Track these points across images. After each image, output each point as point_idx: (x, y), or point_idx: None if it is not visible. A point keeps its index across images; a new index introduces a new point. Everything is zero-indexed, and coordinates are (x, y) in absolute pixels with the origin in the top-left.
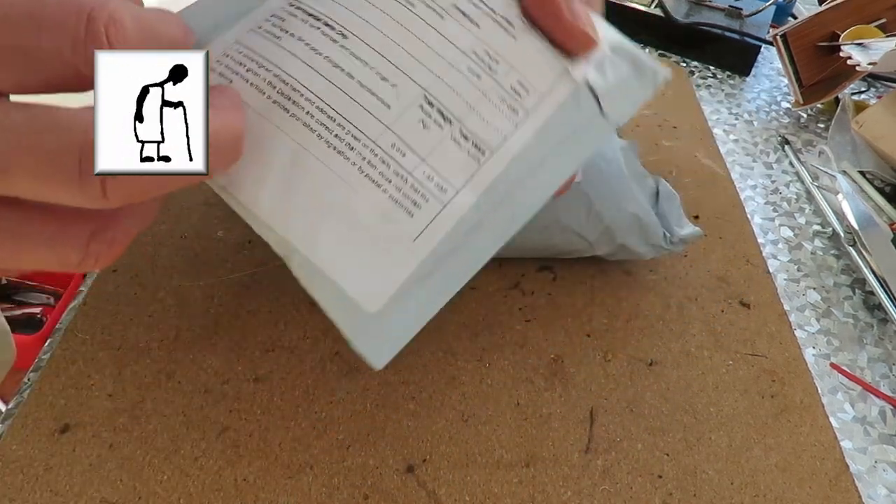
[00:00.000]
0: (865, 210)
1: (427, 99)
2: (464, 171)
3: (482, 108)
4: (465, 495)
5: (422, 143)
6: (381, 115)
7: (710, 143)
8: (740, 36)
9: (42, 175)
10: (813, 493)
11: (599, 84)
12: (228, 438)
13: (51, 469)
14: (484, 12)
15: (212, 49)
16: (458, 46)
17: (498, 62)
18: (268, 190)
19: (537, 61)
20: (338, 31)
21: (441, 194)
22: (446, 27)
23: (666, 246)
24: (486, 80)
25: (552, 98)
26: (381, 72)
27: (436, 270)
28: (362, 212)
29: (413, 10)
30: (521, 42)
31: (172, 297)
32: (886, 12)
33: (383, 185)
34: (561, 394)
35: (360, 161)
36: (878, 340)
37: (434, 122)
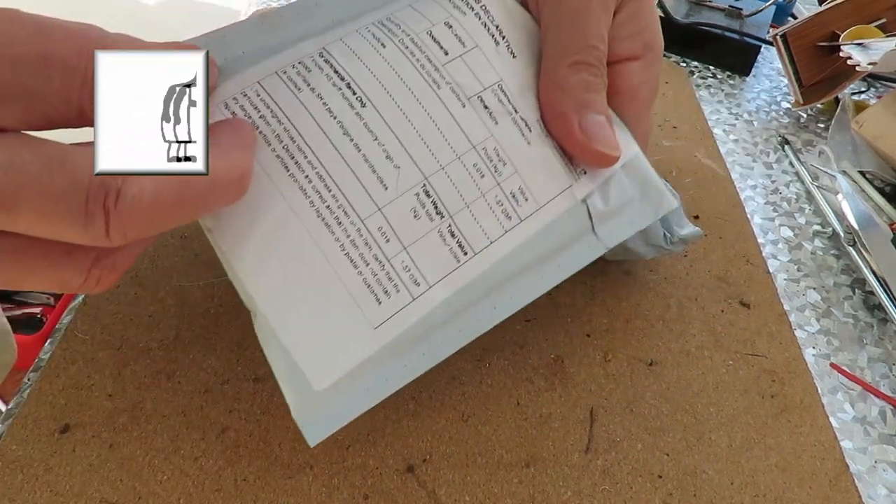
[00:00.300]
0: (865, 210)
1: (425, 188)
2: (442, 267)
3: (476, 208)
4: (465, 495)
5: (408, 232)
6: (377, 196)
7: (710, 143)
8: (740, 36)
9: (49, 215)
10: (813, 493)
11: (598, 207)
12: (228, 438)
13: (51, 469)
14: (506, 110)
15: (231, 83)
16: (471, 139)
17: (505, 164)
18: (249, 246)
19: (544, 171)
20: (357, 97)
21: (413, 287)
22: (464, 116)
23: (666, 246)
24: (488, 180)
25: (549, 210)
26: (389, 150)
27: (391, 360)
28: (333, 290)
29: (437, 91)
30: (533, 148)
31: (172, 297)
32: (886, 12)
33: (360, 268)
34: (561, 394)
35: (344, 238)
36: (878, 340)
37: (426, 214)
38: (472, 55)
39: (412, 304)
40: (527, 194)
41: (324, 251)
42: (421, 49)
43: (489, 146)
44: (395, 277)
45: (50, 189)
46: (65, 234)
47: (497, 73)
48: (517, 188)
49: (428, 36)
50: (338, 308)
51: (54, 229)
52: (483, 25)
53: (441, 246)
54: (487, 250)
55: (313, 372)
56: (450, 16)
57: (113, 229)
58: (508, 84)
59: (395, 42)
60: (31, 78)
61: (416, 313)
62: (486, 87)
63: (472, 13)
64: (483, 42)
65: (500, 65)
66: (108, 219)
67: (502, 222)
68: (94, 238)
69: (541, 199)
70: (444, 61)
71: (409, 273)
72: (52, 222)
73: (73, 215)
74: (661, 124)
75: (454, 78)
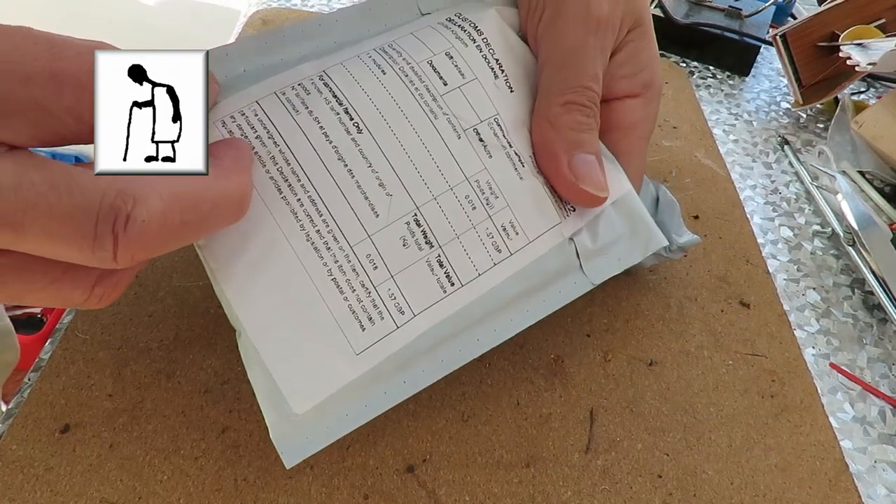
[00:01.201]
0: (865, 210)
1: (416, 218)
2: (428, 297)
3: (467, 240)
4: (465, 495)
5: (396, 261)
6: (367, 223)
7: (710, 143)
8: (740, 36)
9: (56, 236)
10: (813, 492)
11: (586, 244)
12: (228, 438)
13: (51, 469)
14: (501, 144)
15: (230, 101)
16: (464, 171)
17: (497, 197)
18: (238, 266)
19: (534, 207)
20: (354, 123)
21: (398, 315)
22: (459, 148)
23: (665, 254)
24: (479, 212)
25: (538, 246)
26: (382, 178)
27: (371, 387)
28: (318, 315)
29: (434, 122)
30: (525, 183)
31: (172, 297)
32: (886, 12)
33: (346, 293)
34: (561, 394)
35: (332, 263)
36: (878, 340)
37: (415, 243)
38: (471, 87)
39: (395, 333)
40: (517, 228)
41: (311, 275)
42: (420, 78)
43: (482, 179)
44: (380, 305)
45: (58, 210)
46: (72, 255)
47: (494, 106)
48: (508, 222)
49: (428, 65)
50: (321, 333)
51: (61, 251)
52: (483, 58)
53: (429, 276)
54: (475, 282)
55: (293, 395)
56: (451, 46)
57: (121, 252)
58: (504, 118)
59: (395, 69)
60: (41, 94)
61: (399, 342)
62: (483, 120)
63: (474, 45)
64: (482, 75)
65: (498, 98)
66: (117, 242)
67: (492, 255)
68: (100, 260)
69: (531, 234)
70: (443, 91)
71: (394, 301)
72: (60, 244)
73: (82, 237)
74: (661, 124)
75: (452, 109)
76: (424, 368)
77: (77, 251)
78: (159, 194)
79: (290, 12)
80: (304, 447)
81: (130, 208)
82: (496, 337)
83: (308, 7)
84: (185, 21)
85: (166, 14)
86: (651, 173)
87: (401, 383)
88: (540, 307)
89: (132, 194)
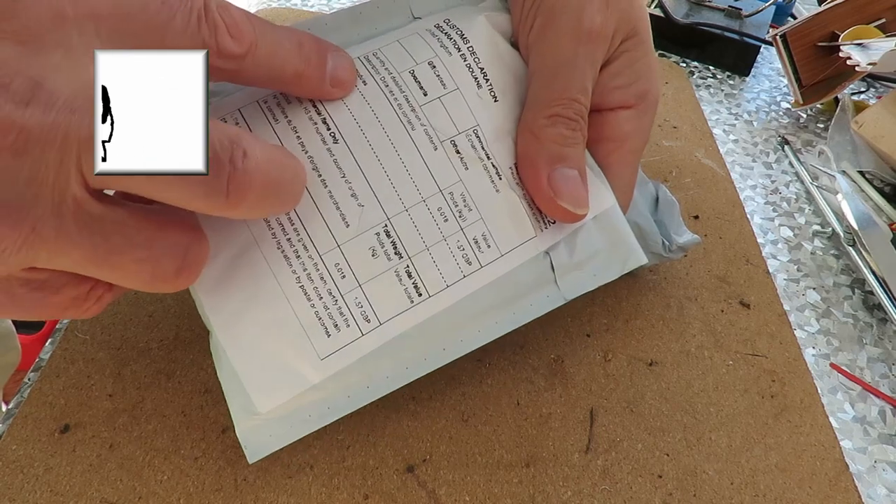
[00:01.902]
0: (865, 210)
1: (386, 229)
2: (395, 306)
3: (437, 252)
4: (465, 495)
5: (364, 270)
6: (337, 233)
7: (710, 143)
8: (740, 36)
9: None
10: (813, 492)
11: (562, 258)
12: (228, 438)
13: (51, 469)
14: (478, 156)
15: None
16: (438, 183)
17: (471, 210)
18: (211, 269)
19: (510, 220)
20: (331, 133)
21: (364, 323)
22: (435, 160)
23: (665, 254)
24: (451, 225)
25: (510, 259)
26: (355, 188)
27: (336, 391)
28: (285, 320)
29: (410, 133)
30: (501, 195)
31: (172, 297)
32: (886, 12)
33: (313, 300)
34: (561, 394)
35: (300, 271)
36: (878, 340)
37: (384, 253)
38: (452, 97)
39: (361, 339)
40: (489, 241)
41: (279, 281)
42: (401, 88)
43: (456, 191)
44: (346, 313)
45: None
46: (187, 186)
47: (474, 117)
48: (480, 235)
49: (410, 75)
50: (287, 336)
51: (177, 179)
52: (467, 67)
53: (396, 286)
54: (444, 293)
55: (258, 394)
56: (435, 55)
57: (234, 187)
58: (485, 128)
59: (377, 80)
60: (158, 16)
61: (364, 348)
62: (461, 132)
63: (458, 54)
64: (464, 84)
65: (479, 109)
66: (234, 176)
67: (462, 267)
68: (214, 192)
69: (503, 248)
70: (423, 102)
71: (361, 309)
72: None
73: None
74: (661, 124)
75: (430, 120)
76: (388, 375)
77: (193, 181)
78: (261, 147)
79: (290, 12)
80: (268, 444)
81: (246, 146)
82: (463, 347)
83: (308, 7)
84: None
85: None
86: (651, 173)
87: (364, 388)
88: (510, 319)
89: (244, 137)
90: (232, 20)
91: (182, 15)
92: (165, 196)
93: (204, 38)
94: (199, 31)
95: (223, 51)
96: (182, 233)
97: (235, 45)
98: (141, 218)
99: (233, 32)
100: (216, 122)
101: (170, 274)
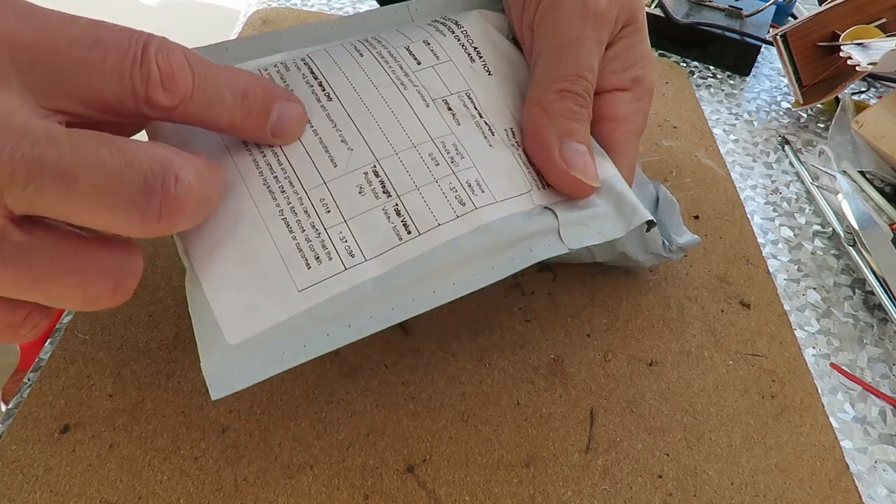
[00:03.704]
0: (865, 210)
1: (374, 169)
2: (381, 243)
3: (427, 192)
4: (465, 495)
5: (350, 206)
6: (325, 171)
7: (710, 143)
8: (740, 36)
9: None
10: (813, 493)
11: (565, 217)
12: (228, 438)
13: (51, 469)
14: (470, 114)
15: None
16: (429, 132)
17: (463, 157)
18: None
19: (504, 174)
20: (326, 93)
21: (348, 258)
22: (426, 113)
23: (665, 254)
24: (443, 168)
25: (506, 206)
26: (345, 135)
27: (313, 327)
28: (263, 250)
29: (402, 91)
30: (495, 151)
31: (172, 297)
32: (886, 12)
33: (294, 232)
34: (561, 394)
35: (284, 204)
36: (878, 340)
37: (372, 191)
38: (444, 66)
39: (342, 274)
40: (484, 188)
41: (262, 213)
42: (395, 59)
43: (448, 141)
44: (329, 246)
45: (110, 165)
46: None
47: (466, 83)
48: (474, 180)
49: (405, 49)
50: (265, 267)
51: (107, 209)
52: (461, 46)
53: (384, 223)
54: (434, 231)
55: (228, 324)
56: (429, 35)
57: (167, 211)
58: (478, 94)
59: (373, 53)
60: (88, 54)
61: (345, 283)
62: (453, 93)
63: (452, 35)
64: (457, 58)
65: (472, 77)
66: (165, 201)
67: (455, 207)
68: (145, 220)
69: (498, 196)
70: (416, 69)
71: (345, 244)
72: (108, 200)
73: (132, 193)
74: (661, 124)
75: (422, 82)
76: (373, 315)
77: (125, 208)
78: (192, 167)
79: (290, 12)
80: (234, 380)
81: (178, 170)
82: (454, 290)
83: (308, 7)
84: (185, 21)
85: (166, 14)
86: (651, 173)
87: (345, 327)
88: (506, 264)
89: (175, 161)
90: (169, 69)
91: (115, 57)
92: (95, 223)
93: (134, 85)
94: (129, 77)
95: (151, 101)
96: (115, 251)
97: (166, 97)
98: (72, 241)
99: (166, 84)
100: (149, 146)
101: (104, 295)
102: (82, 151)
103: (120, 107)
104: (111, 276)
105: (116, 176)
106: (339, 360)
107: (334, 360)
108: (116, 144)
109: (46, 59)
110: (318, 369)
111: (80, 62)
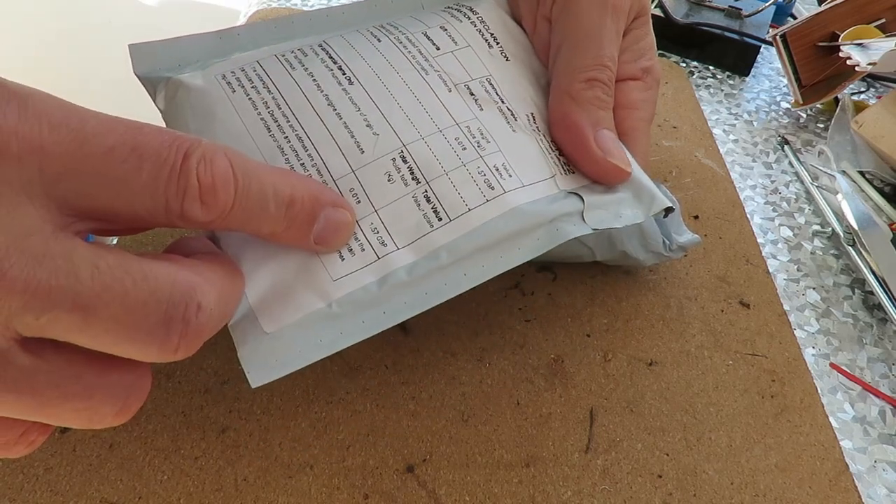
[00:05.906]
0: (865, 210)
1: (402, 155)
2: (412, 231)
3: (456, 176)
4: (465, 495)
5: (380, 195)
6: (352, 158)
7: (709, 143)
8: (740, 36)
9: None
10: (813, 492)
11: (589, 198)
12: (228, 438)
13: (51, 469)
14: (492, 99)
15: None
16: (454, 117)
17: (489, 142)
18: None
19: (528, 159)
20: (346, 77)
21: (380, 247)
22: (449, 98)
23: (665, 253)
24: (470, 152)
25: (532, 191)
26: (370, 119)
27: (346, 316)
28: None
29: (424, 76)
30: (518, 137)
31: None
32: (886, 12)
33: None
34: (561, 394)
35: None
36: (878, 340)
37: (400, 178)
38: (464, 52)
39: (376, 263)
40: (511, 172)
41: None
42: (414, 44)
43: (472, 125)
44: (361, 238)
45: (132, 297)
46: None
47: (487, 69)
48: (501, 164)
49: (422, 35)
50: (298, 257)
51: (124, 340)
52: (478, 31)
53: (414, 210)
54: (465, 217)
55: (265, 313)
56: (446, 21)
57: (185, 342)
58: (498, 79)
59: (391, 38)
60: (121, 167)
61: (378, 272)
62: (474, 79)
63: (468, 21)
64: (476, 44)
65: (491, 63)
66: (186, 331)
67: (484, 192)
68: (164, 350)
69: (525, 180)
70: (435, 55)
71: (377, 235)
72: (125, 331)
73: (153, 325)
74: (660, 124)
75: (443, 67)
76: (407, 300)
77: (143, 340)
78: (216, 289)
79: (290, 12)
80: (273, 368)
81: (201, 297)
82: (484, 273)
83: (308, 7)
84: (185, 21)
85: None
86: (651, 173)
87: (381, 313)
88: (533, 245)
89: (197, 287)
90: (210, 182)
91: (150, 169)
92: (109, 351)
93: (168, 200)
94: (163, 191)
95: (186, 216)
96: (125, 373)
97: (203, 212)
98: (81, 364)
99: (205, 198)
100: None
101: (108, 417)
102: (105, 281)
103: (150, 219)
104: (118, 399)
105: (139, 308)
106: (339, 360)
107: (334, 360)
108: (141, 271)
109: (76, 172)
110: (317, 369)
111: (112, 176)
